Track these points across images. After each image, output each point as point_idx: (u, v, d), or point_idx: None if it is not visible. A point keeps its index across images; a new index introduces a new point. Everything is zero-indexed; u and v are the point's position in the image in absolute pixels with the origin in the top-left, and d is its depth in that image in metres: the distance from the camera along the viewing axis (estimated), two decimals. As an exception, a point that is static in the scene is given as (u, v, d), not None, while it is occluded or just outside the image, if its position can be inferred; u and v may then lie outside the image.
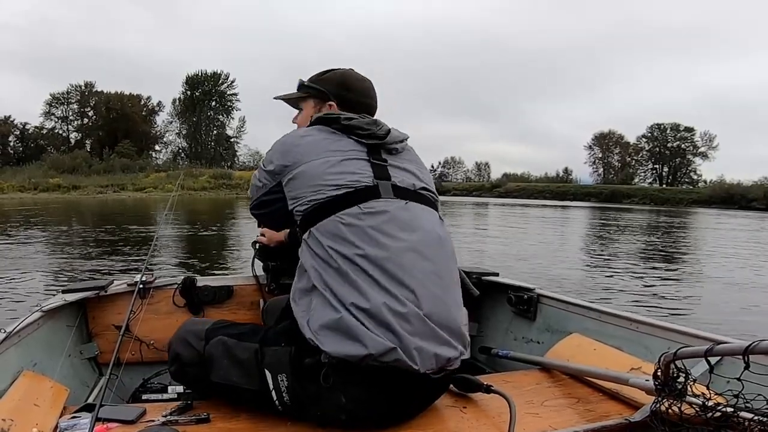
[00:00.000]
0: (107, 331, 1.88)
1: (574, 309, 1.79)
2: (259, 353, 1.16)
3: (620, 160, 79.81)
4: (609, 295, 5.89)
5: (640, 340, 1.52)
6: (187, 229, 12.50)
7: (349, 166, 1.22)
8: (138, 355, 1.86)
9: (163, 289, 1.96)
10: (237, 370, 1.17)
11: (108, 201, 29.58)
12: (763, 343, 0.84)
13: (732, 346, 0.92)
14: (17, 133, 61.33)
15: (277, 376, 1.13)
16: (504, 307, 2.08)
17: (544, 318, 1.92)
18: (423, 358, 1.09)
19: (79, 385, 1.69)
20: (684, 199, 52.85)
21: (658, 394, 1.09)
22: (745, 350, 0.86)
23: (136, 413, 1.17)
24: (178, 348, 1.27)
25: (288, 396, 1.12)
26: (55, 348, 1.64)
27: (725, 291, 6.65)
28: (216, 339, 1.22)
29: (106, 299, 1.87)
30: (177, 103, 66.71)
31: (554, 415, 1.23)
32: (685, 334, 1.42)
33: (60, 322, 1.74)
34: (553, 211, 29.52)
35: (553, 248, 10.69)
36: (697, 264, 9.49)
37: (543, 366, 1.55)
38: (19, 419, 1.10)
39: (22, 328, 1.46)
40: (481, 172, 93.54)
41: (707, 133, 72.41)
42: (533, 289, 1.99)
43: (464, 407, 1.26)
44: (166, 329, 1.89)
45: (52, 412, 1.21)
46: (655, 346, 1.45)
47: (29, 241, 10.08)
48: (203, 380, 1.23)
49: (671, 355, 1.02)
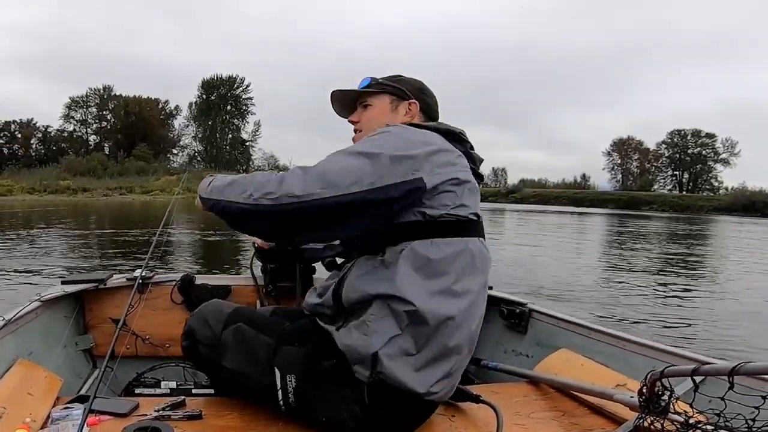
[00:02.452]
0: (103, 324, 1.89)
1: (564, 325, 1.81)
2: (273, 350, 1.14)
3: (639, 167, 78.81)
4: (625, 312, 5.73)
5: (625, 358, 1.54)
6: (187, 232, 12.59)
7: (476, 193, 1.18)
8: (133, 349, 1.88)
9: (161, 285, 1.98)
10: (249, 361, 1.17)
11: (110, 204, 29.78)
12: (748, 365, 0.85)
13: (718, 367, 0.92)
14: (39, 136, 62.78)
15: (286, 376, 1.12)
16: (495, 320, 2.09)
17: (534, 332, 1.93)
18: (441, 392, 1.13)
19: (72, 376, 1.70)
20: (704, 207, 51.94)
21: (641, 411, 1.10)
22: (731, 371, 0.87)
23: (129, 407, 1.19)
24: (195, 324, 1.27)
25: (293, 398, 1.12)
26: (51, 338, 1.66)
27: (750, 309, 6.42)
28: (235, 326, 1.21)
29: (104, 292, 1.89)
30: (193, 107, 67.90)
31: (540, 426, 1.26)
32: (670, 354, 1.43)
33: (57, 313, 1.76)
34: (570, 218, 29.19)
35: (567, 259, 10.50)
36: (722, 275, 9.28)
37: (531, 379, 1.57)
38: (12, 408, 1.12)
39: (20, 317, 1.47)
40: (497, 178, 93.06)
41: (729, 139, 71.13)
42: (525, 303, 2.00)
43: (453, 416, 1.28)
44: (163, 325, 1.93)
45: (45, 402, 1.22)
46: (639, 364, 1.46)
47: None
48: (213, 363, 1.23)
49: (658, 374, 1.04)
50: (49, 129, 62.91)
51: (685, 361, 1.36)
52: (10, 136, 61.05)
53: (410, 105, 1.33)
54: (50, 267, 7.14)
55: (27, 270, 6.86)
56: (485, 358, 1.90)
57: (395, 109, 1.33)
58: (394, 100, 1.33)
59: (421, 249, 1.07)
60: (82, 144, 61.30)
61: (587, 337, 1.70)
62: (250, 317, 1.24)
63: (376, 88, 1.34)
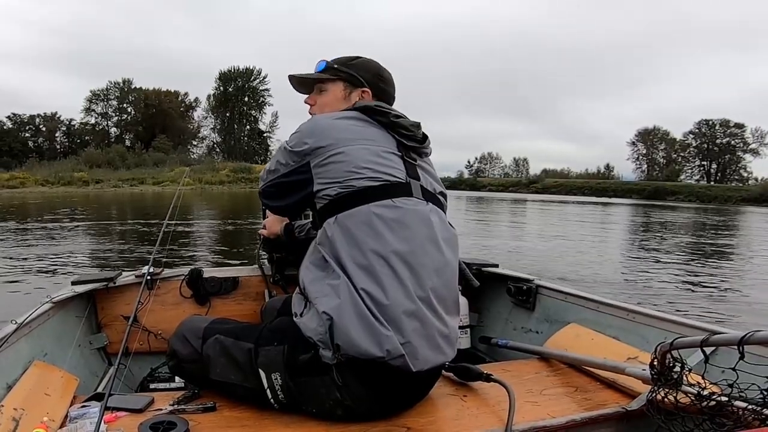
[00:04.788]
0: (116, 322, 1.92)
1: (573, 299, 1.80)
2: (254, 353, 1.17)
3: (665, 157, 77.08)
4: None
5: (636, 330, 1.52)
6: (194, 223, 12.61)
7: (387, 159, 1.22)
8: (146, 345, 1.90)
9: (170, 280, 1.99)
10: (234, 369, 1.19)
11: (119, 195, 29.79)
12: (759, 334, 0.84)
13: (728, 336, 0.91)
14: (63, 129, 64.24)
15: (271, 375, 1.14)
16: (503, 298, 2.09)
17: (542, 308, 1.93)
18: (420, 361, 1.12)
19: (88, 374, 1.73)
20: (732, 197, 50.54)
21: (654, 384, 1.09)
22: (740, 340, 0.86)
23: (144, 402, 1.21)
24: (175, 345, 1.30)
25: (282, 394, 1.14)
26: (64, 338, 1.68)
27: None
28: (213, 338, 1.24)
29: (114, 290, 1.91)
30: (211, 98, 68.53)
31: (552, 403, 1.24)
32: (681, 324, 1.41)
33: (69, 313, 1.78)
34: (592, 209, 28.67)
35: (591, 250, 10.25)
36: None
37: (542, 355, 1.56)
38: (30, 408, 1.13)
39: (32, 319, 1.49)
40: (519, 168, 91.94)
41: (758, 129, 69.24)
42: (532, 279, 2.00)
43: (464, 396, 1.28)
44: (174, 320, 1.94)
45: (63, 401, 1.24)
46: (651, 336, 1.45)
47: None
48: (202, 377, 1.25)
49: (667, 345, 1.02)
50: (72, 122, 64.50)
51: (696, 331, 1.33)
52: (35, 129, 62.71)
53: (363, 93, 1.37)
54: (27, 261, 6.97)
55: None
56: (495, 336, 1.91)
57: (348, 96, 1.38)
58: (347, 87, 1.39)
59: (344, 220, 1.15)
60: (104, 136, 62.43)
61: (596, 311, 1.69)
62: (225, 328, 1.27)
63: (331, 74, 1.39)
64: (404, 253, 1.13)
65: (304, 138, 1.23)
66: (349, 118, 1.26)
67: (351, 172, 1.17)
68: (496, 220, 17.78)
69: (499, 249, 9.37)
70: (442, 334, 1.17)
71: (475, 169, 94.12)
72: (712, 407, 0.98)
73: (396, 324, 1.09)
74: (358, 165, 1.18)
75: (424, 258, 1.16)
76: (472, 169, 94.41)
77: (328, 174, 1.18)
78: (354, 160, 1.18)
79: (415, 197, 1.21)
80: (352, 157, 1.18)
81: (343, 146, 1.19)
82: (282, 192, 1.30)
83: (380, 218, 1.14)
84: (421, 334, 1.12)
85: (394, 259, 1.12)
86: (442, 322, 1.17)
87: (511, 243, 10.65)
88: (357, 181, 1.16)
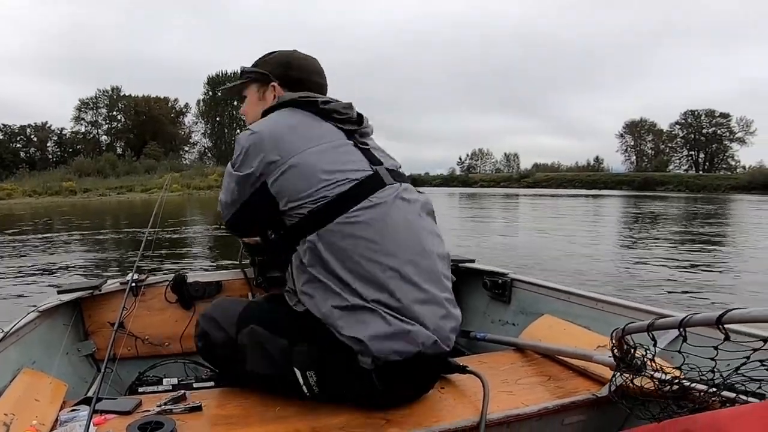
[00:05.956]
0: (103, 329, 1.92)
1: (545, 291, 1.85)
2: (288, 351, 1.15)
3: (653, 148, 77.55)
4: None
5: (605, 319, 1.56)
6: (181, 228, 12.55)
7: (345, 154, 1.16)
8: (134, 350, 1.92)
9: (154, 286, 2.00)
10: (268, 363, 1.18)
11: (105, 203, 29.44)
12: (696, 317, 0.85)
13: (669, 321, 0.92)
14: (54, 139, 63.60)
15: (306, 373, 1.14)
16: (480, 292, 2.13)
17: (518, 301, 1.97)
18: (445, 336, 1.14)
19: (77, 381, 1.73)
20: (721, 186, 51.08)
21: (616, 369, 1.12)
22: (680, 323, 0.87)
23: (133, 404, 1.22)
24: (206, 326, 1.27)
25: (317, 388, 1.15)
26: (52, 346, 1.69)
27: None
28: (248, 328, 1.20)
29: (100, 298, 1.92)
30: (200, 104, 68.05)
31: (527, 392, 1.27)
32: (641, 311, 1.46)
33: (56, 322, 1.78)
34: (584, 201, 28.81)
35: (583, 246, 10.26)
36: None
37: (517, 346, 1.59)
38: (20, 413, 1.14)
39: (19, 328, 1.50)
40: (510, 163, 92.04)
41: (744, 118, 69.76)
42: (507, 273, 2.04)
43: (442, 388, 1.30)
44: (160, 324, 1.98)
45: (52, 406, 1.25)
46: (619, 324, 1.46)
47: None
48: (234, 365, 1.25)
49: (620, 331, 1.05)
50: (63, 131, 63.85)
51: (652, 316, 1.34)
52: (26, 140, 62.05)
53: (273, 88, 1.32)
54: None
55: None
56: (473, 329, 1.93)
57: (263, 96, 1.34)
58: (260, 87, 1.34)
59: (328, 237, 1.12)
60: (95, 145, 61.87)
61: (568, 302, 1.74)
62: (259, 317, 1.24)
63: (244, 79, 1.35)
64: (398, 249, 1.12)
65: (249, 158, 1.15)
66: (289, 119, 1.19)
67: (314, 180, 1.10)
68: (489, 216, 17.82)
69: (490, 244, 9.40)
70: (447, 300, 1.18)
71: (466, 165, 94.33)
72: (675, 391, 1.00)
73: (416, 317, 1.09)
74: (321, 170, 1.11)
75: (415, 244, 1.15)
76: (463, 165, 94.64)
77: (290, 188, 1.12)
78: (313, 168, 1.11)
79: (387, 184, 1.17)
80: (311, 165, 1.11)
81: (296, 154, 1.12)
82: (247, 220, 1.24)
83: (365, 223, 1.10)
84: (438, 314, 1.13)
85: (392, 260, 1.10)
86: (446, 290, 1.20)
87: (502, 240, 10.68)
88: (326, 189, 1.10)
